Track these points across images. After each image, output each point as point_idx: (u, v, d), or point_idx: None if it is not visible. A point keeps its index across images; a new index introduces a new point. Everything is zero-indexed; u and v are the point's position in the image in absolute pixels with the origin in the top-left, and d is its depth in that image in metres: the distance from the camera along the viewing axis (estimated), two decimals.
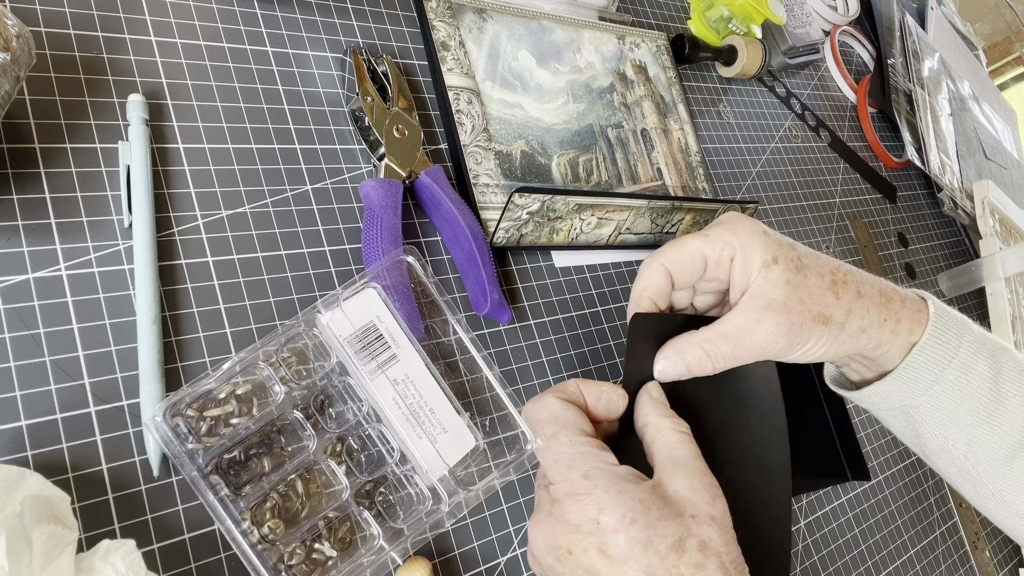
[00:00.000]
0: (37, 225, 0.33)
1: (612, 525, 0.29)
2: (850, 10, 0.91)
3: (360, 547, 0.35)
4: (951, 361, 0.36)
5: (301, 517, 0.33)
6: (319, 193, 0.42)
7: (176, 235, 0.36)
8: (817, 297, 0.34)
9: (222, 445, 0.32)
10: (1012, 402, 0.36)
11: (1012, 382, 0.36)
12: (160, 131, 0.38)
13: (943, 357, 0.36)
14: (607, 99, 0.59)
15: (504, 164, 0.49)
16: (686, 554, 0.29)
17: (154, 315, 0.33)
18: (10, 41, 0.30)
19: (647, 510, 0.29)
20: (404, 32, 0.50)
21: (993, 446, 0.36)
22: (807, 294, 0.34)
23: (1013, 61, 1.49)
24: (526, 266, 0.48)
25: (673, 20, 0.71)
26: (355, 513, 0.35)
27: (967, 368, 0.36)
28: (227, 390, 0.34)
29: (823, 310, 0.34)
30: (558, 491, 0.31)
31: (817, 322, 0.34)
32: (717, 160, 0.66)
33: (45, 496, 0.26)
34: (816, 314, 0.34)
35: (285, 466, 0.34)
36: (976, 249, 0.86)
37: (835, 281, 0.35)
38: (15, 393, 0.30)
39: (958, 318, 0.37)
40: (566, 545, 0.30)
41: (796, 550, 0.54)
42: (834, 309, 0.34)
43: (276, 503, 0.33)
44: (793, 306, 0.33)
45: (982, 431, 0.36)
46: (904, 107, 0.88)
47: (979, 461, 0.37)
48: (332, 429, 0.36)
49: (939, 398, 0.36)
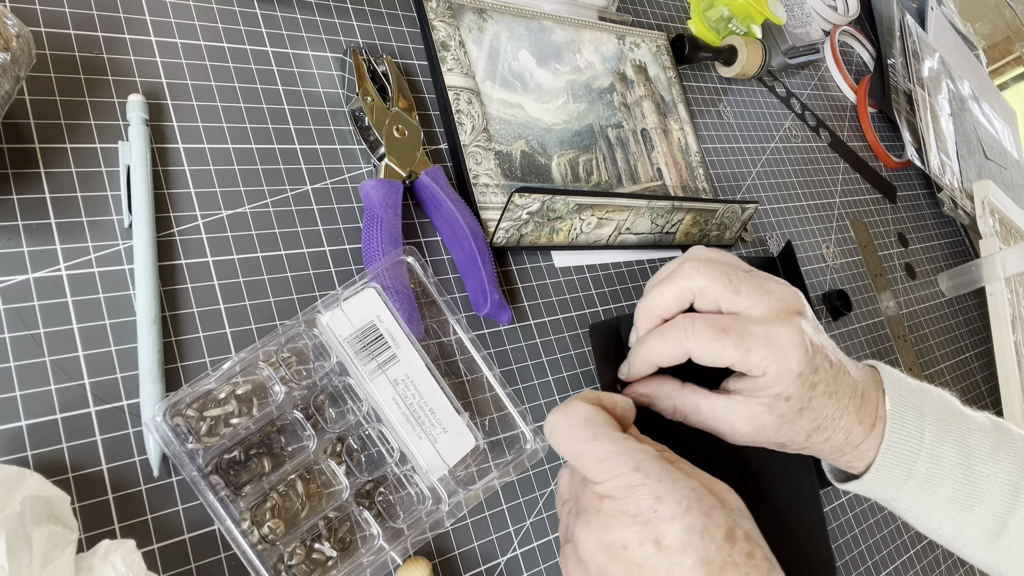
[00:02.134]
0: (37, 225, 0.33)
1: (669, 513, 0.29)
2: (850, 10, 0.91)
3: (360, 547, 0.35)
4: (918, 455, 0.36)
5: (301, 517, 0.34)
6: (319, 193, 0.42)
7: (176, 235, 0.36)
8: (791, 435, 0.36)
9: (222, 445, 0.32)
10: (987, 483, 0.36)
11: (983, 461, 0.37)
12: (160, 131, 0.38)
13: (909, 453, 0.36)
14: (607, 99, 0.59)
15: (504, 164, 0.49)
16: (737, 544, 0.29)
17: (154, 315, 0.33)
18: (10, 41, 0.30)
19: (700, 498, 0.29)
20: (404, 32, 0.50)
21: (977, 526, 0.37)
22: (787, 432, 0.36)
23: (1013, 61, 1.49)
24: (526, 266, 0.48)
25: (673, 20, 0.71)
26: (355, 513, 0.35)
27: (935, 458, 0.36)
28: (227, 390, 0.34)
29: (789, 443, 0.37)
30: (610, 487, 0.30)
31: (777, 446, 0.37)
32: (717, 160, 0.66)
33: (45, 496, 0.26)
34: (779, 443, 0.37)
35: (285, 466, 0.34)
36: (976, 249, 0.86)
37: (817, 428, 0.36)
38: (15, 393, 0.30)
39: (914, 401, 0.38)
40: (621, 540, 0.29)
41: None
42: (798, 445, 0.37)
43: (276, 503, 0.33)
44: (770, 433, 0.36)
45: (963, 515, 0.37)
46: (904, 107, 0.88)
47: (968, 540, 0.38)
48: (332, 429, 0.36)
49: (916, 490, 0.37)
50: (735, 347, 0.34)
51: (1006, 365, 0.73)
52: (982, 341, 0.85)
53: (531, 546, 0.41)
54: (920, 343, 0.77)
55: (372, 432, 0.37)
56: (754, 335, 0.34)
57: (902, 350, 0.73)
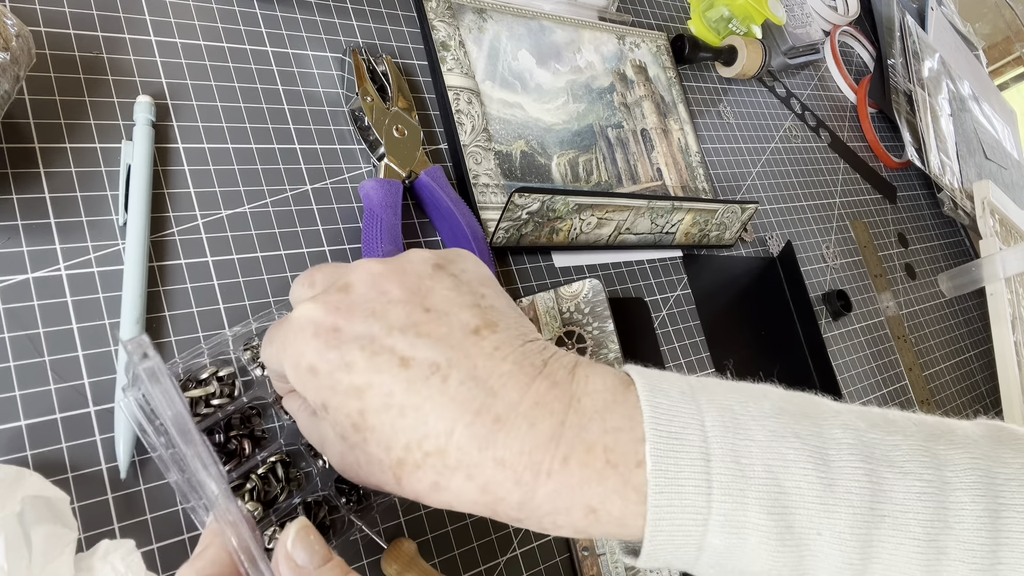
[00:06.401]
0: (37, 225, 0.33)
1: None
2: (850, 10, 0.91)
3: (337, 531, 0.35)
4: (705, 526, 0.23)
5: (280, 501, 0.33)
6: (319, 193, 0.42)
7: (176, 235, 0.36)
8: (372, 469, 0.25)
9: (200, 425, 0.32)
10: (817, 542, 0.23)
11: (812, 514, 0.23)
12: (160, 131, 0.38)
13: (692, 525, 0.23)
14: (607, 99, 0.59)
15: (504, 164, 0.49)
16: None
17: (138, 315, 0.33)
18: (10, 41, 0.30)
19: None
20: (404, 32, 0.50)
21: None
22: (366, 464, 0.25)
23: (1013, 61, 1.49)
24: (526, 266, 0.48)
25: (673, 20, 0.71)
26: (332, 497, 0.35)
27: (733, 526, 0.23)
28: (209, 371, 0.33)
29: (382, 484, 0.26)
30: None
31: (385, 488, 0.26)
32: (717, 160, 0.66)
33: (44, 496, 0.26)
34: (374, 483, 0.26)
35: (265, 450, 0.34)
36: (976, 249, 0.86)
37: (400, 462, 0.24)
38: (15, 393, 0.30)
39: (696, 441, 0.23)
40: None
41: None
42: (394, 489, 0.25)
43: (256, 486, 0.33)
44: (353, 466, 0.26)
45: None
46: (904, 107, 0.88)
47: None
48: None
49: (719, 563, 0.24)
50: (267, 341, 0.26)
51: (1006, 365, 0.73)
52: (982, 341, 0.85)
53: (531, 546, 0.41)
54: (920, 343, 0.77)
55: None
56: (275, 326, 0.26)
57: (902, 350, 0.73)
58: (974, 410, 0.79)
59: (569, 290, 0.46)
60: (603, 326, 0.46)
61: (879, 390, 0.68)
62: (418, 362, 0.23)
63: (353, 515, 0.34)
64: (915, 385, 0.72)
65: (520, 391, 0.23)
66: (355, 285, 0.25)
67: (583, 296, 0.46)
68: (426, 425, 0.23)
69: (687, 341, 0.55)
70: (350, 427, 0.24)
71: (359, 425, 0.23)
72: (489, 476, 0.23)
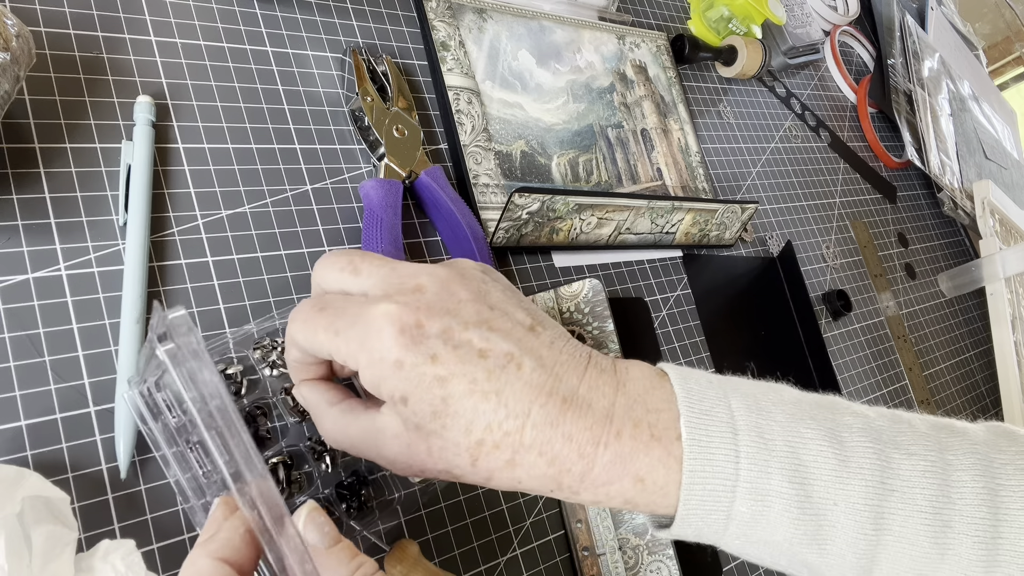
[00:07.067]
0: (37, 225, 0.33)
1: None
2: (850, 10, 0.91)
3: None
4: (734, 493, 0.26)
5: None
6: (319, 193, 0.42)
7: (176, 235, 0.36)
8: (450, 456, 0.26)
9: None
10: (834, 512, 0.26)
11: (828, 486, 0.26)
12: (160, 131, 0.38)
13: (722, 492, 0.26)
14: (607, 99, 0.59)
15: (504, 164, 0.49)
16: None
17: (138, 315, 0.33)
18: (10, 41, 0.30)
19: None
20: (404, 32, 0.50)
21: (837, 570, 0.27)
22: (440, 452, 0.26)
23: (1013, 61, 1.49)
24: (526, 266, 0.48)
25: (673, 20, 0.71)
26: (332, 499, 0.35)
27: (758, 493, 0.26)
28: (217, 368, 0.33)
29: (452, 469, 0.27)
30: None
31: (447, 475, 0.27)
32: (717, 160, 0.66)
33: (45, 496, 0.26)
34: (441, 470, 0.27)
35: (268, 449, 0.34)
36: (976, 249, 0.86)
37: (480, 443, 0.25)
38: (15, 393, 0.30)
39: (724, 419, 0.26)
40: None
41: None
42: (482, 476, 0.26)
43: None
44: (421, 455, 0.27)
45: (814, 556, 0.27)
46: (904, 107, 0.88)
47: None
48: None
49: (744, 534, 0.27)
50: (325, 328, 0.27)
51: (1006, 365, 0.73)
52: (982, 341, 0.85)
53: (531, 546, 0.41)
54: (920, 343, 0.77)
55: None
56: (347, 315, 0.27)
57: (902, 350, 0.73)
58: (974, 410, 0.79)
59: (569, 290, 0.46)
60: (603, 326, 0.46)
61: (879, 390, 0.68)
62: (494, 353, 0.26)
63: (353, 520, 0.34)
64: (915, 385, 0.72)
65: (578, 377, 0.27)
66: (427, 287, 0.27)
67: (583, 296, 0.46)
68: (506, 408, 0.25)
69: (687, 341, 0.55)
70: (429, 415, 0.26)
71: (440, 412, 0.25)
72: (558, 450, 0.26)
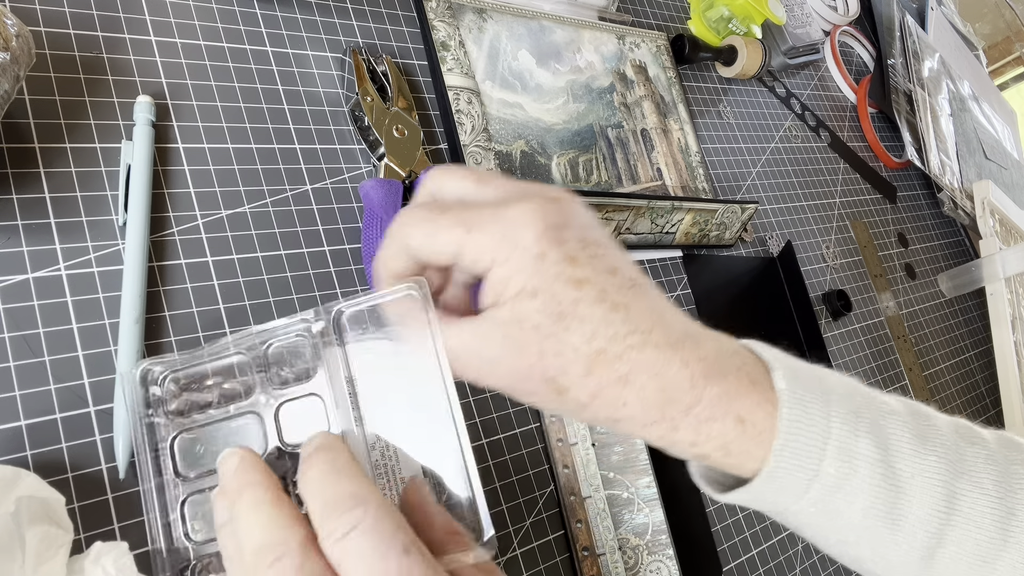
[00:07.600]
0: (37, 225, 0.33)
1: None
2: (850, 10, 0.91)
3: None
4: (824, 450, 0.26)
5: None
6: (319, 193, 0.42)
7: (176, 235, 0.36)
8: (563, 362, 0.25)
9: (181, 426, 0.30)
10: (912, 485, 0.27)
11: (907, 459, 0.27)
12: (160, 131, 0.38)
13: (813, 447, 0.26)
14: (607, 99, 0.59)
15: (504, 164, 0.49)
16: None
17: (137, 314, 0.33)
18: (10, 41, 0.30)
19: None
20: (404, 32, 0.50)
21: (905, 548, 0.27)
22: (555, 355, 0.25)
23: (1013, 61, 1.49)
24: None
25: (673, 20, 0.71)
26: None
27: (847, 454, 0.26)
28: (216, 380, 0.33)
29: (570, 384, 0.26)
30: None
31: (549, 387, 0.26)
32: (717, 160, 0.66)
33: (41, 497, 0.26)
34: (548, 378, 0.26)
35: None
36: (976, 249, 0.86)
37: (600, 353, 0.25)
38: (14, 393, 0.30)
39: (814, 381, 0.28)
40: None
41: (796, 550, 0.54)
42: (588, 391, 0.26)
43: None
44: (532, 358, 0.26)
45: (885, 532, 0.27)
46: (904, 107, 0.88)
47: (892, 566, 0.29)
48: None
49: (822, 500, 0.27)
50: (454, 225, 0.26)
51: (1006, 365, 0.73)
52: (982, 341, 0.85)
53: (531, 546, 0.41)
54: (920, 343, 0.77)
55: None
56: (483, 213, 0.26)
57: (902, 350, 0.73)
58: (974, 410, 0.79)
59: None
60: None
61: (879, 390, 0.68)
62: (621, 272, 0.26)
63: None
64: (915, 385, 0.72)
65: (681, 320, 0.27)
66: (564, 199, 0.27)
67: None
68: (633, 322, 0.26)
69: None
70: (555, 315, 0.25)
71: (567, 313, 0.25)
72: (672, 375, 0.26)
